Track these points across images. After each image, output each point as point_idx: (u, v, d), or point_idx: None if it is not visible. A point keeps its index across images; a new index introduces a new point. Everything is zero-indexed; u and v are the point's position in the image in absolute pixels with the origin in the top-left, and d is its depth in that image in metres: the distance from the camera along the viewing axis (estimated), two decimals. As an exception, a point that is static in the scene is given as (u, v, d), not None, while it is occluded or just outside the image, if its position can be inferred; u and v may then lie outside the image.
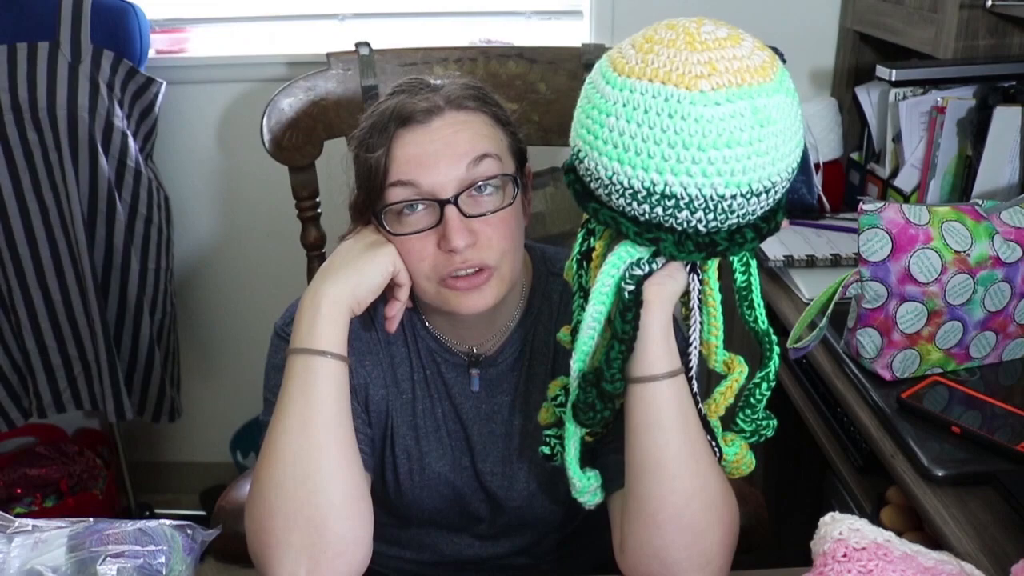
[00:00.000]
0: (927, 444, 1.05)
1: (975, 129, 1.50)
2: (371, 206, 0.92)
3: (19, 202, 1.72)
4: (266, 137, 1.42)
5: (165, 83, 1.80)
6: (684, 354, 0.83)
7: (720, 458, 0.85)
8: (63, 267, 1.78)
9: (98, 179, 1.72)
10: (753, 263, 0.82)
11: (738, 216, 0.73)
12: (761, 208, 0.74)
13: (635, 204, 0.72)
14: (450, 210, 0.88)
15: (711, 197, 0.70)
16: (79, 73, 1.66)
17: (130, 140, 1.76)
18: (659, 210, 0.72)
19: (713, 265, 0.81)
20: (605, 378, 0.78)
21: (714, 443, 0.84)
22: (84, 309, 1.81)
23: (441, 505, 1.03)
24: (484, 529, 1.06)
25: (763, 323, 0.84)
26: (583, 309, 0.81)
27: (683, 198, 0.70)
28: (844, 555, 0.71)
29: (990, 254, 1.13)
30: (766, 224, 0.77)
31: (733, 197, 0.71)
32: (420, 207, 0.90)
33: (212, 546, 0.87)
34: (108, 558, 0.75)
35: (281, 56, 1.89)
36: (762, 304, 0.84)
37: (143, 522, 0.80)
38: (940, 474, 1.01)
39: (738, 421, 0.85)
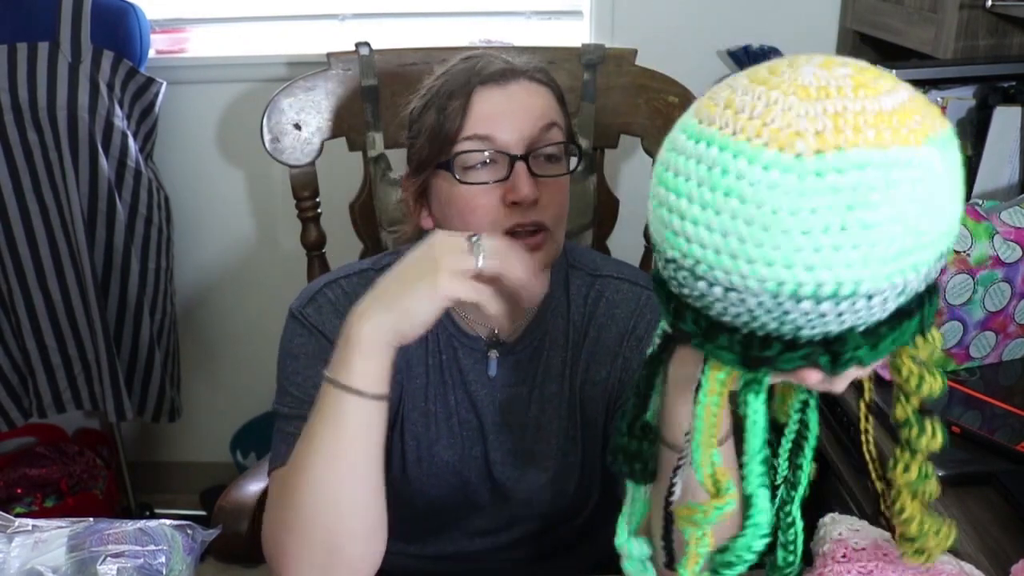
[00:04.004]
0: (927, 444, 1.05)
1: (975, 129, 1.50)
2: (438, 158, 0.94)
3: (19, 202, 1.73)
4: (266, 137, 1.42)
5: (165, 83, 1.80)
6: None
7: None
8: (63, 267, 1.78)
9: (98, 179, 1.72)
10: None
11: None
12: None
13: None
14: (520, 165, 0.91)
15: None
16: (79, 73, 1.66)
17: (130, 140, 1.76)
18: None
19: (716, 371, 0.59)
20: (619, 430, 0.69)
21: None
22: (84, 309, 1.81)
23: (446, 493, 1.03)
24: (487, 521, 1.06)
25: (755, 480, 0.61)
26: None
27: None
28: (844, 555, 0.71)
29: (990, 254, 1.13)
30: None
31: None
32: (491, 162, 0.93)
33: (212, 546, 0.87)
34: (108, 558, 0.75)
35: (281, 56, 1.89)
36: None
37: (143, 522, 0.80)
38: (940, 474, 1.00)
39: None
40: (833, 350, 0.54)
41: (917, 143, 0.50)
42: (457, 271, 0.76)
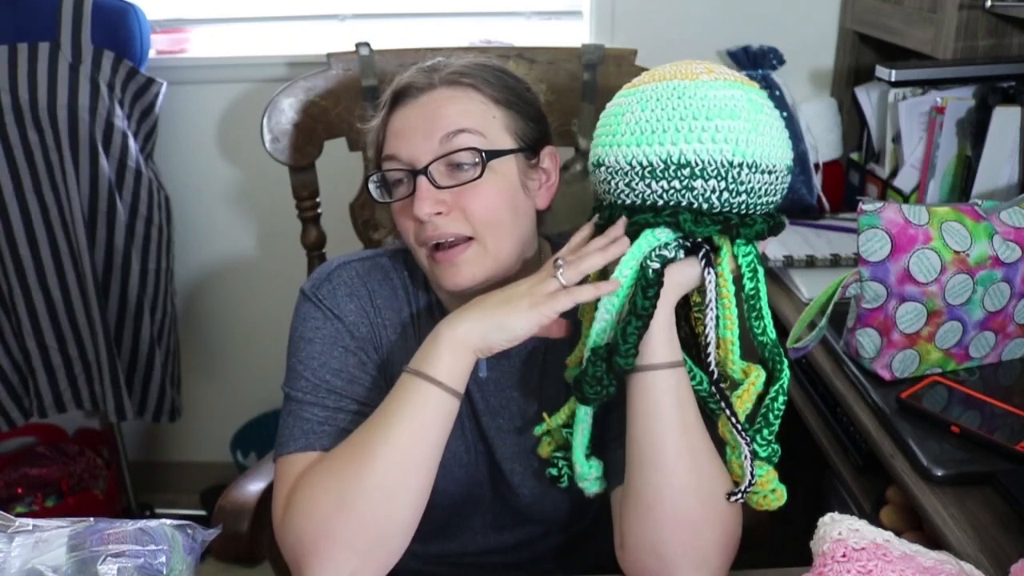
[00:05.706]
0: (926, 444, 1.05)
1: (974, 129, 1.50)
2: (372, 175, 0.96)
3: (20, 202, 1.73)
4: (266, 137, 1.42)
5: (166, 83, 1.80)
6: (704, 354, 0.84)
7: (752, 483, 0.83)
8: (64, 267, 1.78)
9: (99, 179, 1.72)
10: (761, 270, 0.84)
11: (746, 193, 0.80)
12: (765, 191, 0.82)
13: (654, 183, 0.81)
14: (420, 180, 0.91)
15: (722, 163, 0.79)
16: (80, 73, 1.66)
17: (130, 140, 1.76)
18: (676, 183, 0.80)
19: (726, 258, 0.83)
20: (619, 352, 0.80)
21: (748, 460, 0.82)
22: (85, 309, 1.81)
23: (452, 487, 1.03)
24: (492, 520, 1.06)
25: (771, 334, 0.84)
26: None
27: (697, 164, 0.79)
28: (843, 555, 0.71)
29: (989, 254, 1.13)
30: (771, 219, 0.84)
31: (740, 166, 0.79)
32: (405, 180, 0.93)
33: (212, 546, 0.87)
34: (109, 557, 0.75)
35: (281, 56, 1.90)
36: (770, 314, 0.84)
37: (144, 522, 0.80)
38: (939, 474, 1.01)
39: (755, 446, 0.83)
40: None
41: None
42: (547, 292, 0.83)
